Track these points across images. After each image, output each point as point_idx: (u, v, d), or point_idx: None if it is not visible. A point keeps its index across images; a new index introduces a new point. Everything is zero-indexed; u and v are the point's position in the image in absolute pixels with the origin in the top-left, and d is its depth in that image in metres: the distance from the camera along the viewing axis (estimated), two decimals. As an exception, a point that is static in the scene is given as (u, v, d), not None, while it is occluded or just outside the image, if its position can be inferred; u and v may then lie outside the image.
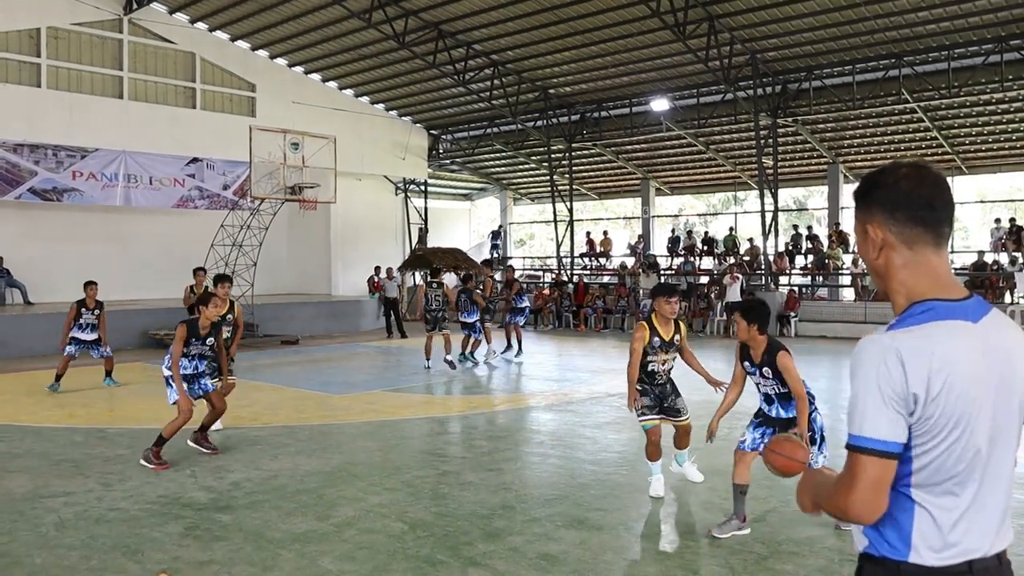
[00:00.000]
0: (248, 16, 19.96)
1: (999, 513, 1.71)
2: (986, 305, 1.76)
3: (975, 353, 1.66)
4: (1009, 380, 1.70)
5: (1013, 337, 1.75)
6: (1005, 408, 1.70)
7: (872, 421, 1.63)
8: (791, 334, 19.70)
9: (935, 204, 1.72)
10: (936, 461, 1.66)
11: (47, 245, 19.59)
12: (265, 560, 4.69)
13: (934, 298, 1.71)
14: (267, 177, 16.99)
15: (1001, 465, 1.71)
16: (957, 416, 1.64)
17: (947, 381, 1.62)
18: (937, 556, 1.66)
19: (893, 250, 1.75)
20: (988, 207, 26.09)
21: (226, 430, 8.48)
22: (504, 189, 31.63)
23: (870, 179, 1.81)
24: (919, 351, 1.63)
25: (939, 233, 1.74)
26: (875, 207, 1.76)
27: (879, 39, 17.32)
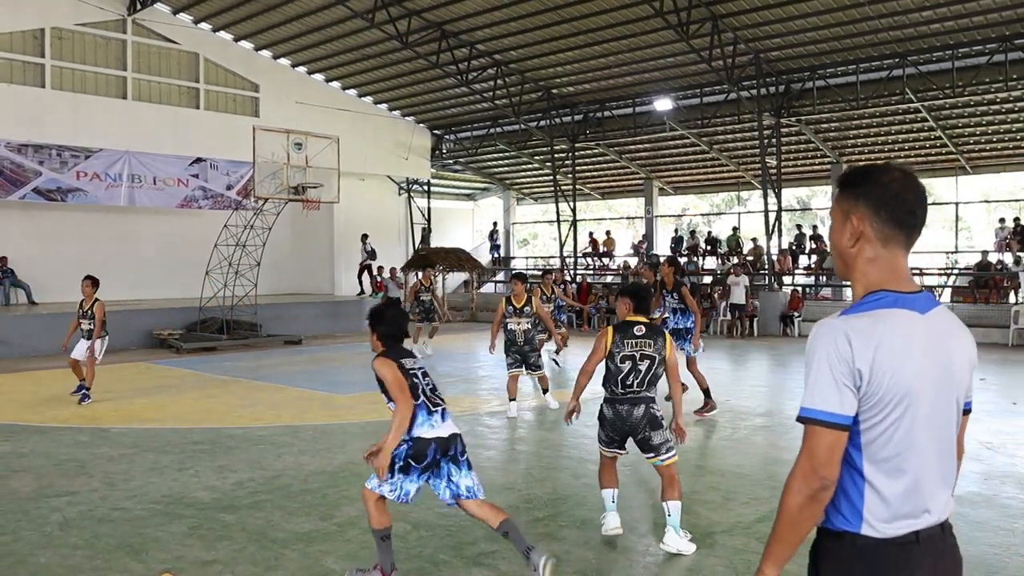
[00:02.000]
0: (251, 16, 19.98)
1: (941, 487, 1.86)
2: (934, 301, 1.93)
3: (919, 340, 1.82)
4: (950, 367, 1.87)
5: (955, 330, 1.93)
6: (946, 392, 1.86)
7: (824, 395, 1.78)
8: (794, 334, 19.67)
9: (916, 211, 1.87)
10: (882, 437, 1.80)
11: (51, 245, 19.63)
12: (268, 560, 4.69)
13: (888, 289, 1.87)
14: (270, 177, 17.01)
15: (941, 444, 1.86)
16: (900, 395, 1.79)
17: (890, 361, 1.77)
18: (887, 527, 1.80)
19: (868, 243, 1.89)
20: (992, 207, 26.04)
21: (230, 430, 8.50)
22: (507, 189, 31.63)
23: (862, 172, 1.93)
24: (866, 332, 1.78)
25: (911, 237, 1.89)
26: (862, 200, 1.89)
27: (883, 39, 17.28)
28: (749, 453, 7.47)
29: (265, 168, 16.88)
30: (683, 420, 5.11)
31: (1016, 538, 5.10)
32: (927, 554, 1.82)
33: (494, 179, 31.17)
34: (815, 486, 1.79)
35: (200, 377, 12.67)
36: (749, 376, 13.49)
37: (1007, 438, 8.05)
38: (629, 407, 4.94)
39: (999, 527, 5.29)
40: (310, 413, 9.54)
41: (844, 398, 1.77)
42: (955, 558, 1.90)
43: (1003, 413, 9.41)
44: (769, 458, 7.28)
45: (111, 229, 20.71)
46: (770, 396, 11.09)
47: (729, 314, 20.27)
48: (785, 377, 13.05)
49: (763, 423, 8.92)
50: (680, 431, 5.03)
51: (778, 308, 20.06)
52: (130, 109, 19.88)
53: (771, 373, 13.83)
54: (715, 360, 15.21)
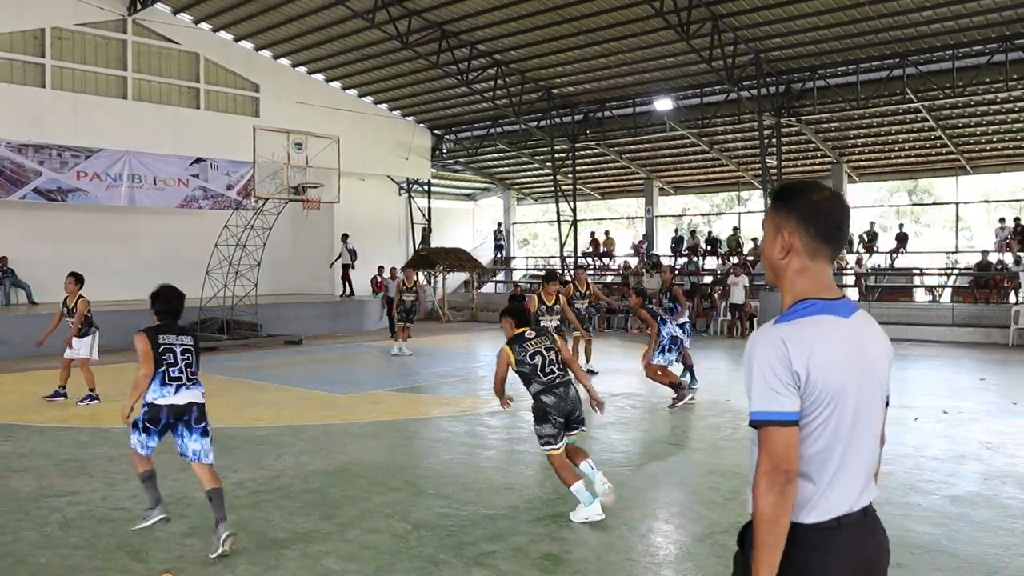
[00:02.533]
0: (252, 16, 19.98)
1: (862, 477, 2.00)
2: (854, 305, 2.08)
3: (845, 342, 1.98)
4: (872, 366, 2.03)
5: (874, 331, 2.09)
6: (868, 389, 2.01)
7: (772, 397, 1.92)
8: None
9: (843, 228, 2.04)
10: (814, 433, 1.94)
11: (51, 245, 19.62)
12: (269, 560, 4.69)
13: (814, 297, 2.02)
14: (271, 177, 17.01)
15: (864, 437, 2.00)
16: (831, 394, 1.94)
17: (823, 364, 1.92)
18: (811, 515, 1.94)
19: (797, 256, 2.04)
20: (992, 207, 26.03)
21: (230, 430, 8.50)
22: (507, 189, 31.63)
23: (794, 190, 2.07)
24: (800, 338, 1.93)
25: (836, 251, 2.06)
26: (794, 216, 2.03)
27: (883, 39, 17.28)
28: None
29: (265, 168, 16.89)
30: (599, 395, 5.99)
31: (1016, 538, 5.10)
32: (847, 538, 1.96)
33: (494, 179, 31.18)
34: (780, 481, 1.89)
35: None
36: (749, 376, 13.47)
37: (1007, 438, 8.05)
38: (564, 389, 5.62)
39: (999, 527, 5.30)
40: (310, 413, 9.54)
41: (789, 398, 1.91)
42: (877, 539, 2.04)
43: (1003, 413, 9.42)
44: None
45: (111, 229, 20.72)
46: (770, 396, 11.05)
47: (729, 314, 20.27)
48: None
49: (763, 423, 8.90)
50: (601, 404, 5.95)
51: (778, 308, 20.03)
52: (130, 109, 19.88)
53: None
54: (715, 360, 15.21)
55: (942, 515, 5.55)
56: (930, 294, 21.19)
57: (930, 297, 21.05)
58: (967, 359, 14.86)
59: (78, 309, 9.90)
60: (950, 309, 18.97)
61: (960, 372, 13.19)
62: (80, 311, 9.87)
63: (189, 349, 5.21)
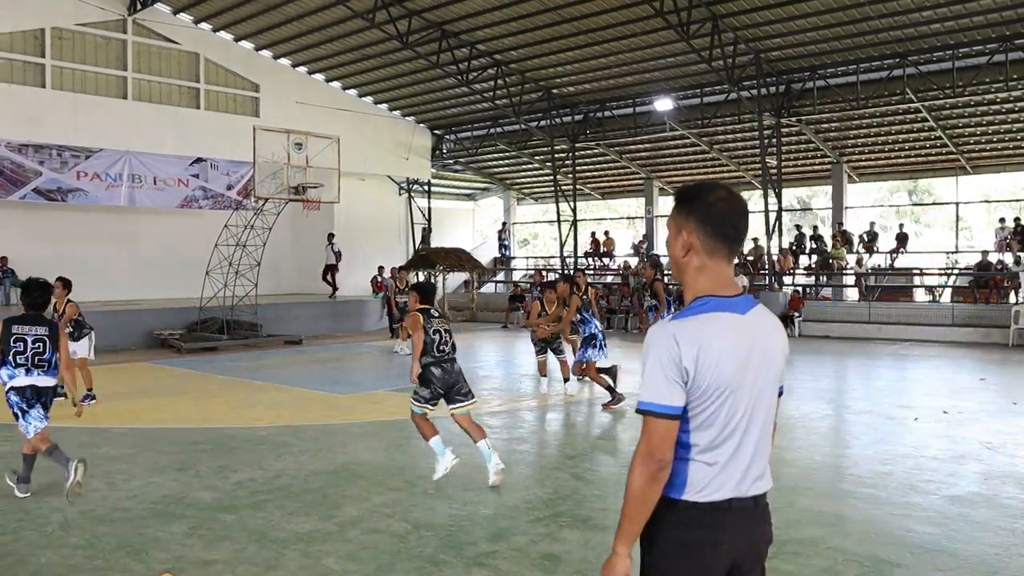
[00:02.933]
0: (252, 16, 19.98)
1: (755, 463, 2.14)
2: (753, 301, 2.19)
3: (740, 338, 2.10)
4: (766, 359, 2.15)
5: (769, 326, 2.21)
6: (762, 382, 2.15)
7: (657, 390, 2.05)
8: (795, 334, 19.67)
9: (738, 227, 2.15)
10: (707, 421, 2.08)
11: (51, 245, 19.62)
12: (269, 560, 4.69)
13: (711, 294, 2.13)
14: (271, 177, 17.01)
15: (756, 426, 2.14)
16: (722, 386, 2.06)
17: (713, 357, 2.04)
18: (704, 495, 2.09)
19: (696, 254, 2.15)
20: (992, 207, 26.03)
21: (230, 430, 8.51)
22: (507, 189, 31.63)
23: (693, 192, 2.18)
24: (691, 334, 2.05)
25: (733, 249, 2.16)
26: (693, 217, 2.15)
27: (883, 39, 17.28)
28: (749, 453, 7.47)
29: (265, 168, 16.89)
30: None
31: (1016, 538, 5.10)
32: (737, 519, 2.11)
33: (494, 179, 31.18)
34: (653, 468, 2.05)
35: (201, 377, 12.68)
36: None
37: (1007, 438, 8.05)
38: (450, 365, 6.58)
39: (999, 527, 5.30)
40: (310, 413, 9.54)
41: (673, 392, 2.04)
42: (763, 529, 2.21)
43: (1003, 413, 9.42)
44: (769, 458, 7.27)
45: (111, 229, 20.72)
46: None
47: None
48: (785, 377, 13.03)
49: (763, 423, 8.91)
50: None
51: (778, 308, 20.06)
52: (130, 109, 19.88)
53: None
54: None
55: (942, 515, 5.55)
56: (930, 294, 21.19)
57: (930, 297, 21.05)
58: (967, 359, 14.86)
59: (66, 314, 9.90)
60: (950, 309, 18.97)
61: (960, 372, 13.19)
62: (68, 316, 9.86)
63: (41, 339, 5.93)
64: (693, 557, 2.09)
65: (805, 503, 5.81)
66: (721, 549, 2.09)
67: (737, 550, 2.12)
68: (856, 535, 5.12)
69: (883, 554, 4.78)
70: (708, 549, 2.09)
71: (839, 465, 7.12)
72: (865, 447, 7.72)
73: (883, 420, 8.97)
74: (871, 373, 13.29)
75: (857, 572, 4.52)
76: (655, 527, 2.11)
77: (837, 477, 6.66)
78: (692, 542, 2.09)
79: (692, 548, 2.09)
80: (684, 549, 2.09)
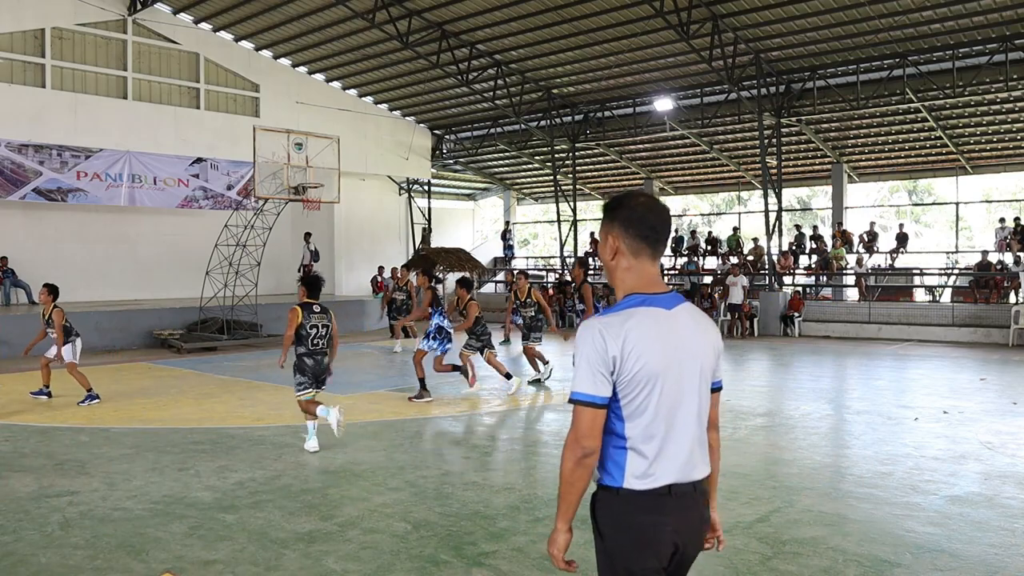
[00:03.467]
0: (252, 16, 19.98)
1: (689, 451, 2.28)
2: (681, 299, 2.36)
3: (664, 331, 2.25)
4: (691, 352, 2.29)
5: (699, 322, 2.37)
6: (689, 374, 2.28)
7: (584, 382, 2.21)
8: (795, 334, 19.68)
9: (658, 229, 2.32)
10: (637, 410, 2.22)
11: (52, 245, 19.64)
12: (269, 560, 4.70)
13: (639, 292, 2.30)
14: (271, 177, 17.01)
15: (686, 416, 2.28)
16: (648, 376, 2.21)
17: (639, 350, 2.19)
18: (642, 483, 2.23)
19: (623, 256, 2.33)
20: (993, 207, 26.04)
21: (230, 430, 8.51)
22: (507, 189, 31.63)
23: (617, 200, 2.38)
24: (616, 327, 2.21)
25: (656, 249, 2.34)
26: (617, 222, 2.34)
27: (883, 39, 17.28)
28: (749, 453, 7.48)
29: (265, 168, 16.89)
30: None
31: (1016, 538, 5.10)
32: (678, 504, 2.26)
33: (494, 179, 31.18)
34: (579, 453, 2.22)
35: (201, 377, 12.68)
36: (749, 376, 13.49)
37: (1007, 438, 8.06)
38: (321, 356, 7.57)
39: (999, 527, 5.30)
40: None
41: (598, 384, 2.20)
42: (701, 513, 2.36)
43: (1003, 413, 9.42)
44: (769, 458, 7.28)
45: (111, 229, 20.72)
46: (770, 396, 11.09)
47: (728, 314, 20.27)
48: (785, 377, 13.05)
49: (763, 423, 8.92)
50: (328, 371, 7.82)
51: (779, 308, 20.06)
52: (130, 109, 19.88)
53: (771, 373, 13.83)
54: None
55: (942, 515, 5.56)
56: (930, 294, 21.19)
57: (930, 297, 21.05)
58: (967, 359, 14.86)
59: (55, 321, 9.97)
60: (950, 309, 18.97)
61: (960, 372, 13.19)
62: (57, 323, 9.93)
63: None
64: (640, 540, 2.24)
65: (805, 503, 5.81)
66: (665, 531, 2.24)
67: (680, 532, 2.27)
68: (856, 535, 5.12)
69: (883, 554, 4.78)
70: (652, 532, 2.24)
71: (839, 465, 7.12)
72: (865, 447, 7.72)
73: (883, 420, 8.97)
74: (871, 373, 13.29)
75: (857, 572, 4.52)
76: (603, 515, 2.30)
77: (837, 477, 6.66)
78: (637, 526, 2.24)
79: (638, 532, 2.24)
80: (631, 533, 2.25)
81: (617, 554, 2.28)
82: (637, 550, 2.25)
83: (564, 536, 2.33)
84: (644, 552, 2.25)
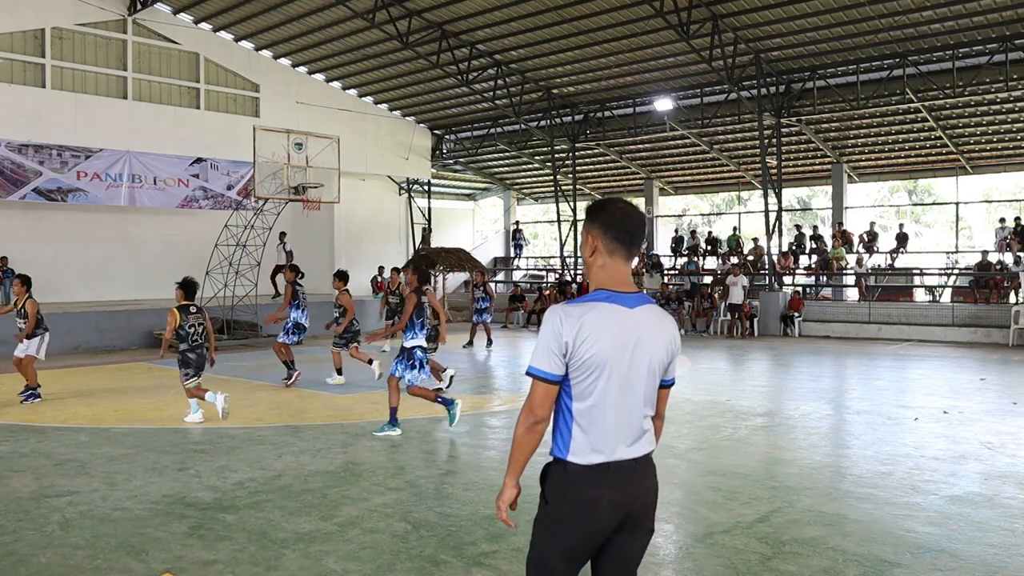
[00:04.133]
0: (252, 16, 19.98)
1: (629, 434, 2.52)
2: (646, 300, 2.59)
3: (620, 326, 2.48)
4: (644, 348, 2.51)
5: (656, 321, 2.57)
6: (638, 367, 2.51)
7: (541, 359, 2.48)
8: (795, 334, 19.68)
9: (633, 233, 2.57)
10: (585, 391, 2.47)
11: (51, 245, 19.63)
12: (269, 560, 4.69)
13: (606, 288, 2.54)
14: (271, 177, 17.01)
15: (631, 403, 2.52)
16: (598, 362, 2.45)
17: (592, 338, 2.43)
18: (585, 458, 2.49)
19: (600, 255, 2.57)
20: (993, 207, 26.04)
21: (231, 429, 8.51)
22: (508, 189, 31.63)
23: (599, 204, 2.61)
24: (575, 315, 2.46)
25: (630, 251, 2.57)
26: (597, 224, 2.58)
27: (883, 39, 17.28)
28: (749, 453, 7.48)
29: (265, 168, 16.89)
30: None
31: (1016, 538, 5.10)
32: (617, 477, 2.50)
33: (494, 179, 31.18)
34: (531, 420, 2.50)
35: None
36: (749, 376, 13.50)
37: (1007, 438, 8.06)
38: (201, 351, 8.78)
39: (999, 527, 5.30)
40: (310, 413, 9.55)
41: (553, 362, 2.46)
42: (647, 481, 2.60)
43: (1003, 413, 9.42)
44: (769, 458, 7.28)
45: (111, 229, 20.72)
46: (770, 396, 11.09)
47: (728, 314, 20.27)
48: (785, 377, 13.05)
49: (763, 423, 8.92)
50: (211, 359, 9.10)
51: (779, 308, 20.06)
52: (130, 109, 19.88)
53: (771, 373, 13.83)
54: (715, 360, 15.21)
55: (942, 515, 5.56)
56: (930, 294, 21.20)
57: (930, 297, 21.05)
58: (967, 359, 14.86)
59: (28, 311, 10.01)
60: (950, 309, 18.97)
61: (960, 372, 13.19)
62: (31, 313, 9.99)
63: None
64: (577, 510, 2.49)
65: (805, 503, 5.81)
66: (602, 501, 2.48)
67: (624, 501, 2.51)
68: (856, 535, 5.12)
69: (883, 554, 4.78)
70: (590, 504, 2.48)
71: (839, 465, 7.12)
72: (865, 447, 7.72)
73: (883, 420, 8.97)
74: (871, 373, 13.29)
75: (857, 572, 4.52)
76: (550, 484, 2.55)
77: (837, 477, 6.66)
78: (577, 496, 2.49)
79: (577, 501, 2.49)
80: (570, 502, 2.50)
81: (557, 520, 2.52)
82: (575, 518, 2.49)
83: (511, 491, 2.61)
84: (581, 520, 2.49)
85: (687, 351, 16.32)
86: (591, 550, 2.56)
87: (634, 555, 2.62)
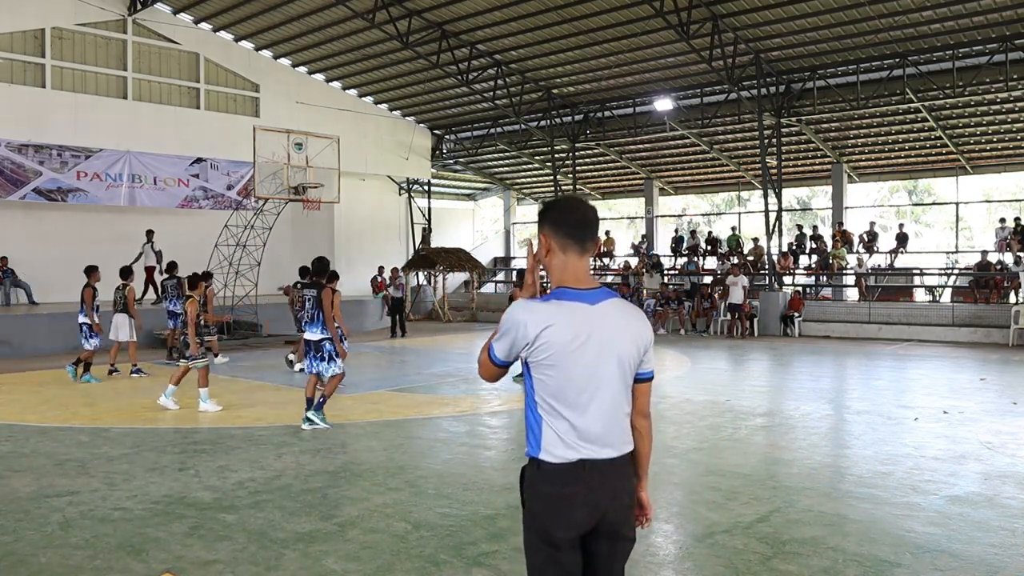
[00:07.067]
0: (252, 16, 19.99)
1: (601, 432, 2.50)
2: (609, 295, 2.59)
3: (581, 322, 2.49)
4: (609, 344, 2.51)
5: (623, 317, 2.58)
6: (605, 363, 2.50)
7: (498, 343, 2.55)
8: (795, 334, 19.67)
9: (582, 227, 2.58)
10: (548, 390, 2.49)
11: (52, 245, 19.62)
12: (269, 560, 4.69)
13: (566, 286, 2.56)
14: (271, 177, 17.02)
15: (602, 402, 2.50)
16: (556, 361, 2.46)
17: (554, 334, 2.45)
18: (557, 457, 2.48)
19: (554, 253, 2.59)
20: (993, 207, 26.03)
21: (230, 430, 8.51)
22: (508, 189, 31.63)
23: (549, 204, 2.66)
24: (536, 312, 2.49)
25: (583, 247, 2.58)
26: (547, 222, 2.61)
27: (883, 39, 17.28)
28: (749, 453, 7.48)
29: (266, 168, 16.90)
30: None
31: (1016, 538, 5.10)
32: (591, 476, 2.48)
33: (494, 179, 31.18)
34: (482, 373, 2.67)
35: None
36: (749, 376, 13.49)
37: (1007, 438, 8.05)
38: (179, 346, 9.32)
39: (999, 527, 5.30)
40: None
41: (507, 351, 2.54)
42: (622, 482, 2.57)
43: (1003, 413, 9.42)
44: (769, 458, 7.28)
45: (111, 229, 20.70)
46: (770, 396, 11.09)
47: (728, 314, 20.27)
48: (785, 377, 13.04)
49: (763, 423, 8.92)
50: None
51: (779, 308, 20.06)
52: (130, 109, 19.89)
53: (771, 373, 13.83)
54: (715, 360, 15.21)
55: (942, 515, 5.55)
56: (930, 294, 21.20)
57: (930, 297, 21.05)
58: (967, 359, 14.86)
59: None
60: (950, 309, 18.97)
61: (960, 372, 13.19)
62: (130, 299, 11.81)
63: None
64: (552, 508, 2.49)
65: (805, 503, 5.81)
66: (577, 499, 2.48)
67: (600, 499, 2.50)
68: (856, 535, 5.12)
69: (883, 554, 4.78)
70: (564, 502, 2.48)
71: (839, 465, 7.12)
72: (865, 447, 7.72)
73: (883, 420, 8.96)
74: (871, 373, 13.29)
75: (857, 572, 4.52)
76: (526, 484, 2.57)
77: (837, 477, 6.66)
78: (553, 493, 2.49)
79: (551, 501, 2.49)
80: (545, 502, 2.50)
81: (534, 520, 2.53)
82: (550, 517, 2.49)
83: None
84: (556, 519, 2.48)
85: (687, 351, 16.32)
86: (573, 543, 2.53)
87: (616, 566, 2.60)
